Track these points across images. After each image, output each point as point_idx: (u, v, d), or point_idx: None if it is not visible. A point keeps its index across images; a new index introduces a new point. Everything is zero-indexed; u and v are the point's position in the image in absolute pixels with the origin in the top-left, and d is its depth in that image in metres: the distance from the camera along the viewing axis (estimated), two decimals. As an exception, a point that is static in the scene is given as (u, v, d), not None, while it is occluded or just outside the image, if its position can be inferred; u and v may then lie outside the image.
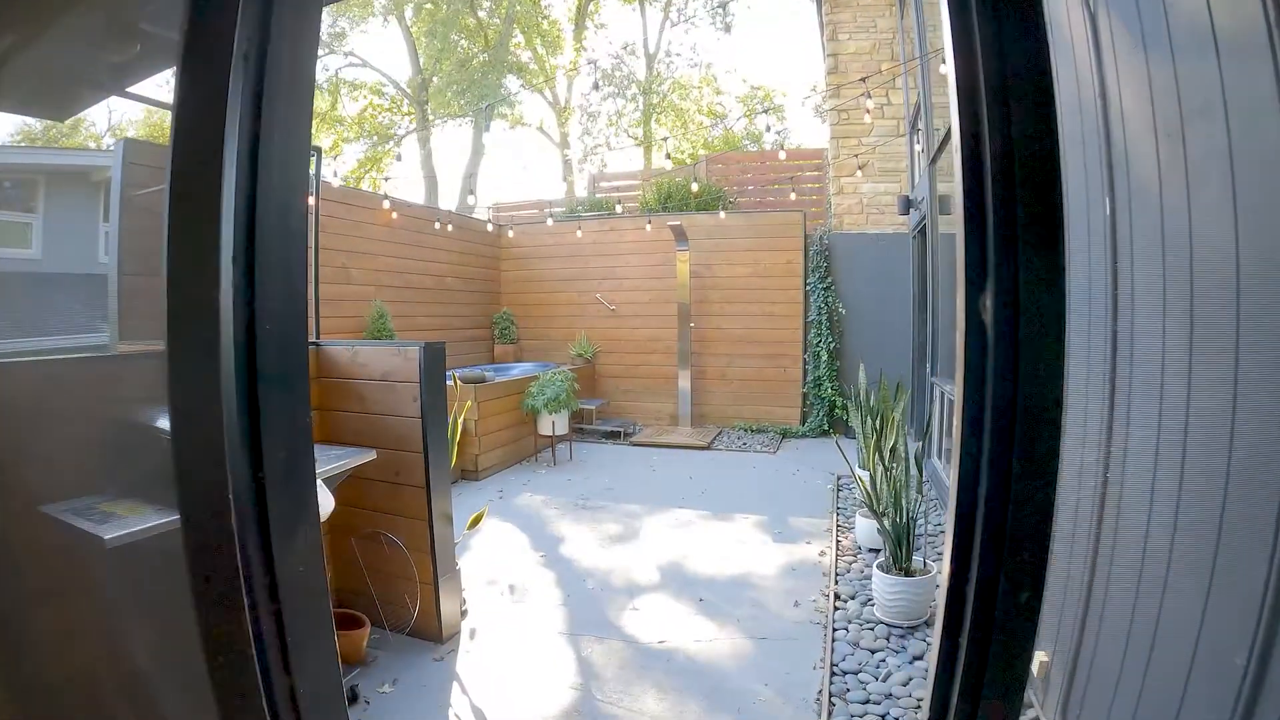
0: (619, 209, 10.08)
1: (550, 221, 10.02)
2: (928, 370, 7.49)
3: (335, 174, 16.90)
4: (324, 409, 4.12)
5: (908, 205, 8.33)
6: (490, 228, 10.25)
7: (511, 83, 21.35)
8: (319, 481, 2.90)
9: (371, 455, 3.56)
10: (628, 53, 22.12)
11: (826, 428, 9.31)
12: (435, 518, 3.82)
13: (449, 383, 7.47)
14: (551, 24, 21.22)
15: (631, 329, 10.14)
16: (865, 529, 5.13)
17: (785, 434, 9.27)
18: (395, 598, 3.95)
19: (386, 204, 7.40)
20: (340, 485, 3.89)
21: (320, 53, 20.82)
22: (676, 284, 9.45)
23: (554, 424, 7.59)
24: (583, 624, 4.02)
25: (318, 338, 4.44)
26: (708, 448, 8.54)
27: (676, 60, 22.27)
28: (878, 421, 6.21)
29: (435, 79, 20.23)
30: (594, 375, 10.21)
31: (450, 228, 9.14)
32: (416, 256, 8.74)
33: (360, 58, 21.28)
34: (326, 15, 19.76)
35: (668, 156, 11.23)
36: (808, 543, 5.30)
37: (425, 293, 8.90)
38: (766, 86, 23.18)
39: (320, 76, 20.63)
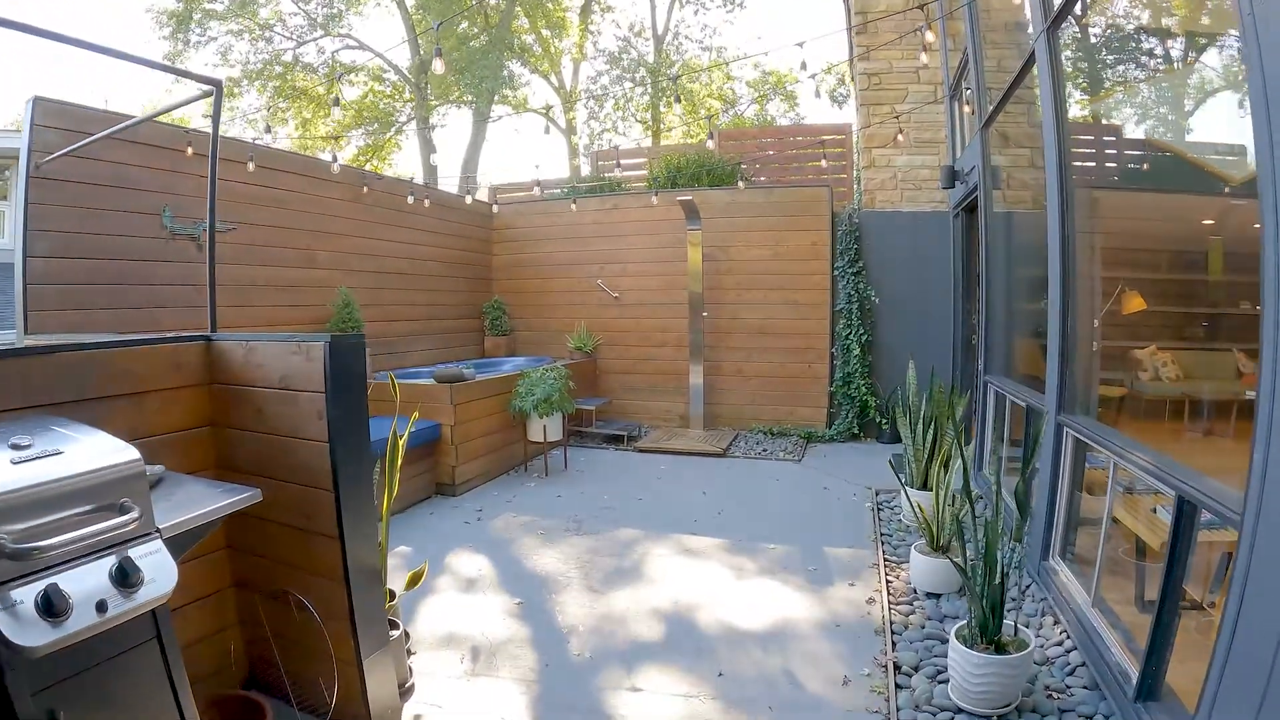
0: (624, 188, 9.02)
1: (538, 190, 8.81)
2: (979, 367, 6.38)
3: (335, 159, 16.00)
4: (218, 425, 3.08)
5: (953, 177, 7.20)
6: (469, 200, 9.12)
7: (515, 67, 20.38)
8: (157, 542, 1.87)
9: (250, 496, 2.48)
10: (635, 33, 21.06)
11: (857, 431, 8.22)
12: (353, 577, 2.78)
13: (424, 382, 6.46)
14: (556, 5, 20.21)
15: (637, 319, 9.06)
16: (922, 567, 4.07)
17: (810, 438, 8.19)
18: (312, 675, 2.93)
19: (336, 168, 6.31)
20: (239, 526, 2.88)
21: (314, 35, 20.01)
22: (688, 268, 8.36)
23: (545, 428, 6.54)
24: (563, 711, 2.98)
25: (213, 329, 3.41)
26: (723, 455, 7.47)
27: (687, 43, 21.13)
28: (931, 431, 5.14)
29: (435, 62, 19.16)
30: (595, 371, 9.15)
31: (427, 203, 8.08)
32: (393, 238, 7.70)
33: (357, 40, 20.27)
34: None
35: (678, 98, 9.98)
36: (850, 584, 4.23)
37: (403, 278, 7.86)
38: (779, 71, 22.07)
39: (315, 59, 19.73)
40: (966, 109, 7.06)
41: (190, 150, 5.49)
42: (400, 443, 3.38)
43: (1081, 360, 5.38)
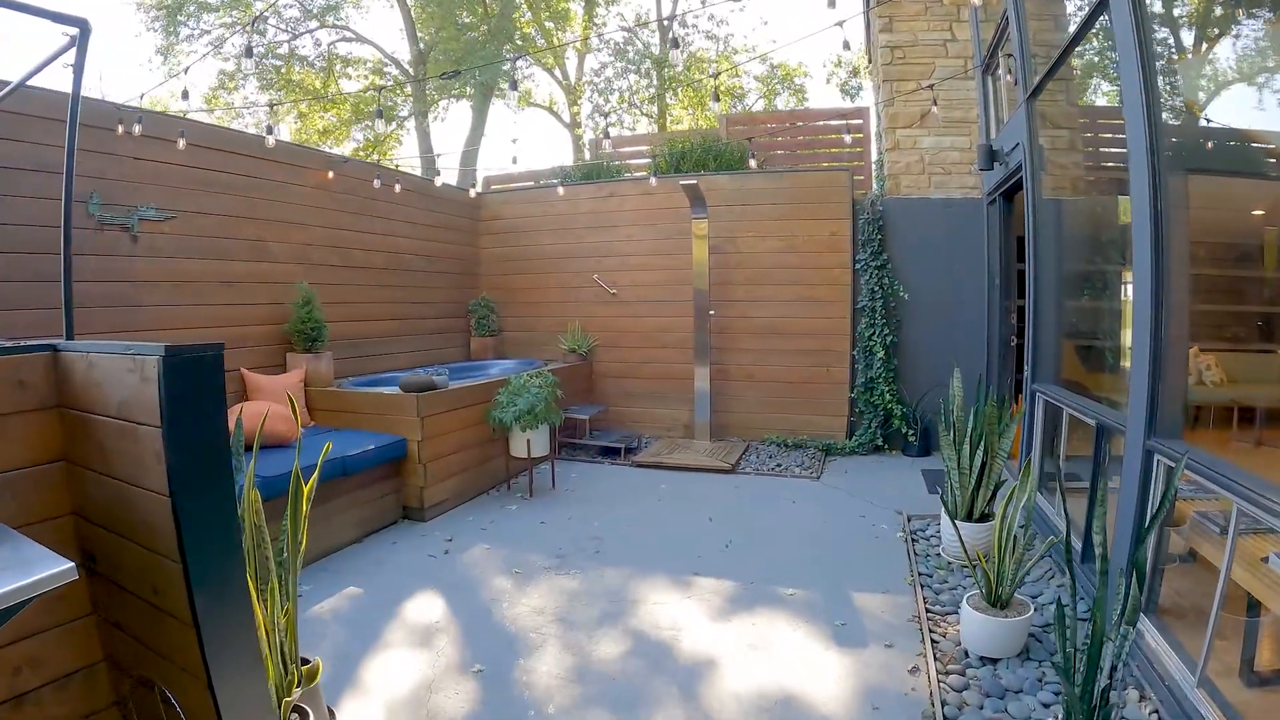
0: (625, 177, 8.23)
1: (513, 165, 8.05)
2: (1026, 373, 5.56)
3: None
4: (72, 462, 2.34)
5: (991, 157, 6.36)
6: (440, 183, 8.17)
7: (520, 62, 19.62)
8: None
9: (56, 576, 1.70)
10: (640, 24, 20.26)
11: (880, 443, 7.40)
12: (218, 674, 2.02)
13: (389, 391, 5.68)
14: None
15: (636, 317, 8.27)
16: (977, 627, 3.27)
17: (829, 450, 7.37)
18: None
19: (271, 141, 5.49)
20: (104, 589, 2.17)
21: (310, 26, 19.33)
22: (692, 261, 7.56)
23: (530, 443, 5.76)
24: None
25: (68, 335, 2.64)
26: (732, 470, 6.67)
27: (693, 33, 20.30)
28: (982, 451, 4.33)
29: (433, 53, 18.45)
30: (590, 375, 8.36)
31: (398, 188, 7.26)
32: (365, 228, 6.93)
33: (354, 32, 19.55)
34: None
35: (716, 96, 9.19)
36: (887, 645, 3.43)
37: (376, 273, 7.09)
38: (787, 65, 21.33)
39: (310, 51, 19.01)
40: (1008, 78, 6.21)
41: (121, 128, 4.73)
42: (308, 485, 2.60)
43: (1174, 371, 4.58)
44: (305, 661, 2.76)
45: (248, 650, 2.13)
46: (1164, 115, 3.31)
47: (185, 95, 4.82)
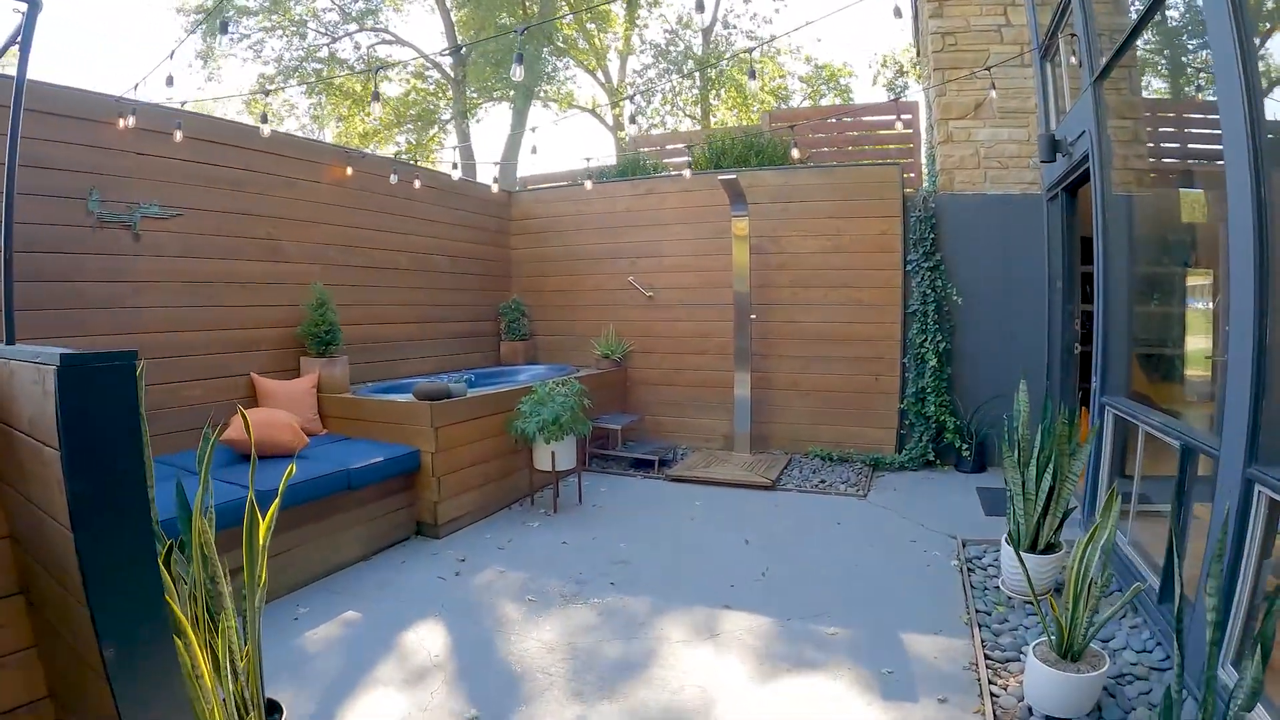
0: (659, 171, 7.84)
1: (531, 154, 7.72)
2: (1093, 384, 5.01)
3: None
4: (4, 481, 2.06)
5: (1054, 148, 5.81)
6: (458, 178, 7.66)
7: (558, 62, 19.41)
8: None
9: None
10: (682, 25, 19.89)
11: (931, 457, 6.88)
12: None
13: (402, 398, 5.36)
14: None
15: (674, 321, 7.86)
16: (1045, 683, 2.81)
17: (876, 464, 6.88)
18: None
19: (266, 130, 5.18)
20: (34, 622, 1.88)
21: (350, 29, 19.37)
22: (733, 262, 7.14)
23: (554, 456, 5.40)
24: None
25: (8, 340, 2.35)
26: (772, 487, 6.22)
27: (735, 33, 19.84)
28: (1050, 475, 3.84)
29: (472, 55, 18.33)
30: (625, 382, 7.98)
31: (417, 184, 6.94)
32: (386, 227, 6.65)
33: (394, 34, 19.55)
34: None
35: (752, 74, 8.75)
36: (940, 699, 2.97)
37: (399, 274, 6.82)
38: (832, 65, 20.77)
39: (350, 55, 19.03)
40: (1072, 59, 5.67)
41: (123, 122, 4.51)
42: (267, 515, 2.26)
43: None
44: (273, 707, 2.44)
45: (174, 705, 1.79)
46: (1266, 92, 2.81)
47: (170, 82, 4.56)
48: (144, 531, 1.69)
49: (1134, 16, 4.29)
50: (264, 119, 5.10)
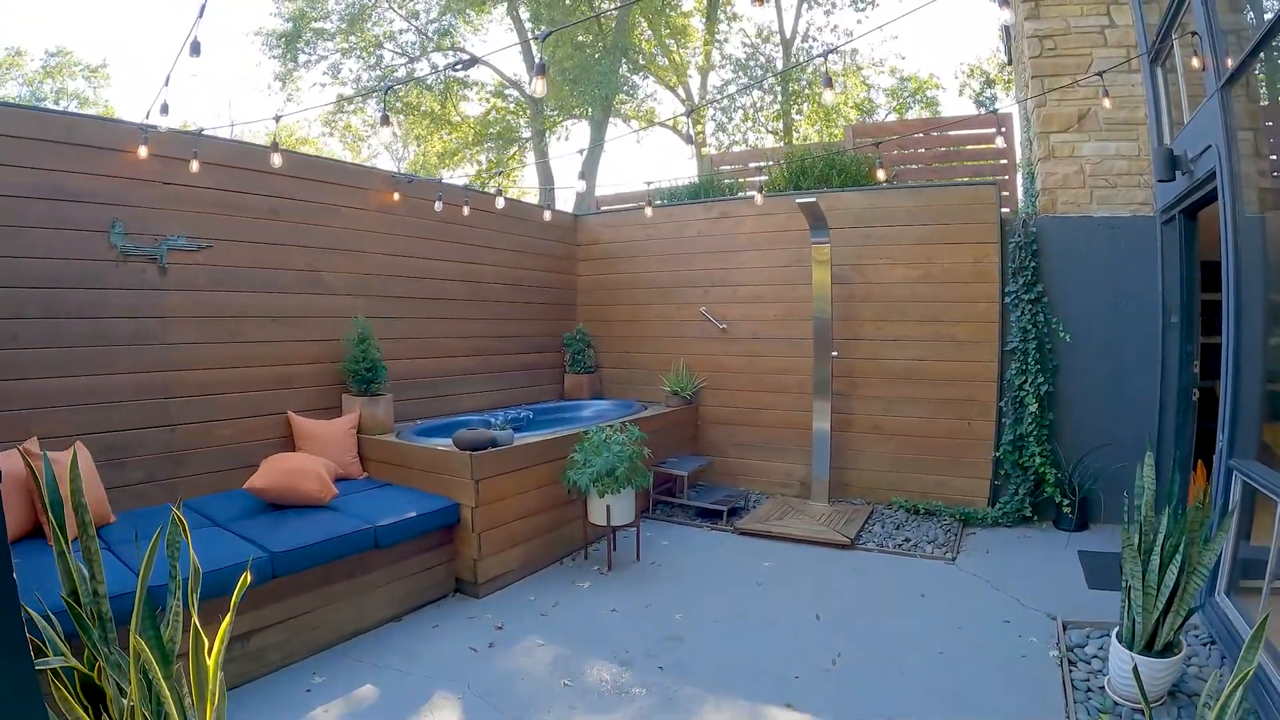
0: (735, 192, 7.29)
1: (579, 180, 7.17)
2: (1219, 443, 4.16)
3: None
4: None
5: (1172, 165, 4.97)
6: (502, 202, 6.89)
7: (637, 79, 19.15)
8: None
9: None
10: (762, 39, 19.36)
11: (1029, 512, 6.07)
12: None
13: (440, 444, 4.94)
14: (678, 12, 18.85)
15: (749, 357, 7.27)
16: None
17: (967, 519, 6.11)
18: None
19: (277, 160, 4.79)
20: None
21: (428, 51, 19.59)
22: (813, 293, 6.52)
23: (609, 510, 4.91)
24: None
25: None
26: (850, 545, 5.55)
27: (815, 46, 19.12)
28: (1177, 567, 3.11)
29: (550, 72, 18.21)
30: (695, 422, 7.42)
31: (466, 210, 6.54)
32: (436, 255, 6.31)
33: (471, 54, 19.63)
34: (433, 10, 18.36)
35: (828, 81, 8.05)
36: None
37: (455, 304, 6.48)
38: (918, 77, 19.88)
39: (431, 78, 19.23)
40: (1194, 61, 4.85)
41: (145, 151, 4.26)
42: (223, 625, 1.82)
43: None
44: None
45: None
46: None
47: (165, 110, 4.25)
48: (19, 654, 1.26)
49: (1277, 5, 3.56)
50: (274, 144, 4.77)
